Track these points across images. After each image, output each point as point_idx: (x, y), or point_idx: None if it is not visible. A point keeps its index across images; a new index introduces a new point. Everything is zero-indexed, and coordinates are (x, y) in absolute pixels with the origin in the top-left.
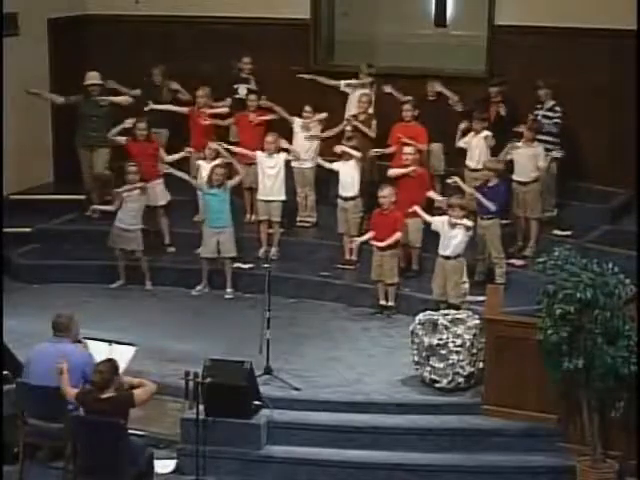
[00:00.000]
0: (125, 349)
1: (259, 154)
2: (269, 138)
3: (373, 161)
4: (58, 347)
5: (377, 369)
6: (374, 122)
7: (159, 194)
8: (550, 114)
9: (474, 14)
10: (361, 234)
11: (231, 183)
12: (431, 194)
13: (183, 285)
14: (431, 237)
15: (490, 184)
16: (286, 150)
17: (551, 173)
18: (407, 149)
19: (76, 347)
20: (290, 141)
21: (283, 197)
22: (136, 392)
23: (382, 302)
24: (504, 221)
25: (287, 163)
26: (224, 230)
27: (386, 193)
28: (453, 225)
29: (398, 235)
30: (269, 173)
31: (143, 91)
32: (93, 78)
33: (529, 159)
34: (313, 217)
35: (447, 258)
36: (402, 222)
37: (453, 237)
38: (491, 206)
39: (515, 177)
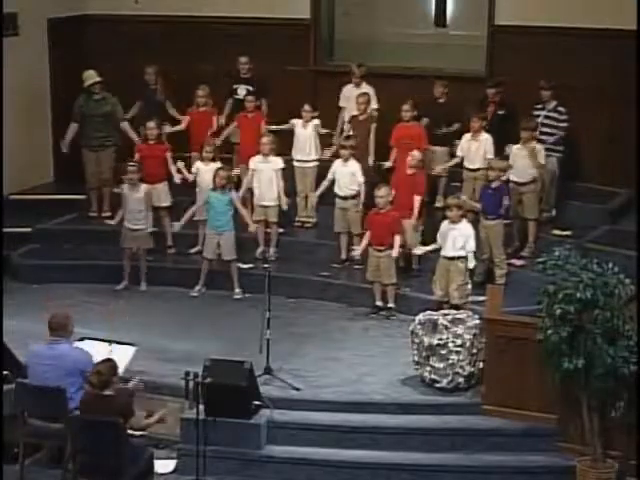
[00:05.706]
0: (125, 349)
1: (253, 159)
2: (264, 139)
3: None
4: (55, 348)
5: (377, 369)
6: (374, 124)
7: (162, 195)
8: (555, 115)
9: (474, 14)
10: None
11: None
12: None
13: (183, 285)
14: (431, 237)
15: (493, 185)
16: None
17: (553, 175)
18: (414, 153)
19: (73, 347)
20: (291, 141)
21: (278, 202)
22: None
23: (378, 303)
24: (506, 221)
25: (288, 163)
26: (225, 232)
27: (382, 193)
28: (453, 222)
29: (398, 239)
30: (263, 177)
31: (137, 92)
32: (91, 77)
33: (526, 159)
34: (313, 217)
35: (451, 259)
36: (399, 222)
37: (457, 234)
38: (502, 210)
39: (513, 177)
